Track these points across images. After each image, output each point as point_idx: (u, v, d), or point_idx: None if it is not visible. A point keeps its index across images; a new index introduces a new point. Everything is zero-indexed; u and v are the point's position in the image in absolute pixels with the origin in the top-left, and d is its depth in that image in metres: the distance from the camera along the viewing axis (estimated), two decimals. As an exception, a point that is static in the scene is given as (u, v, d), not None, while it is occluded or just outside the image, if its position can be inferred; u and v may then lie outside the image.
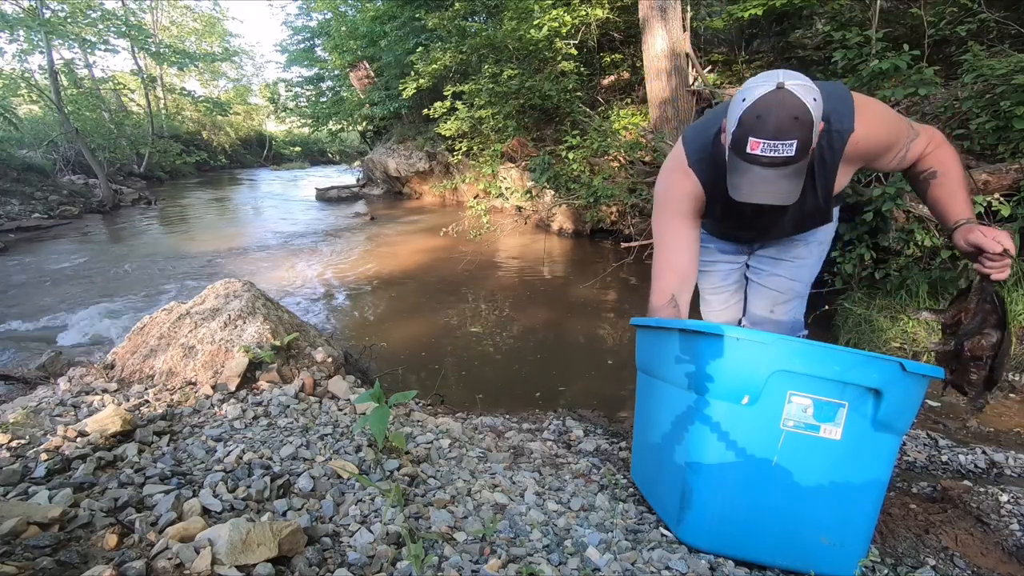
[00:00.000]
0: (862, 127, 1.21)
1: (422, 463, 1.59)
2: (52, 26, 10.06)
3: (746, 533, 1.24)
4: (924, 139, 1.29)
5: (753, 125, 1.05)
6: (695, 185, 1.34)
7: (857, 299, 3.17)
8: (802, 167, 1.09)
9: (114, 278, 5.37)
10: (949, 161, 1.29)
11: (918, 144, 1.29)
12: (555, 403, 2.68)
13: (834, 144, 1.22)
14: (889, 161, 1.31)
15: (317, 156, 24.93)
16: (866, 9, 4.50)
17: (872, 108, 1.24)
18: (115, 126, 13.11)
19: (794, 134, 1.04)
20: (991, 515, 1.47)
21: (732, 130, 1.11)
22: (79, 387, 1.93)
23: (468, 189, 8.73)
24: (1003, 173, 2.98)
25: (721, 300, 1.74)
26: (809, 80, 1.07)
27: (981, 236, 1.16)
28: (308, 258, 6.18)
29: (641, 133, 5.61)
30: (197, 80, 23.88)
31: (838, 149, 1.23)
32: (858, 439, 1.18)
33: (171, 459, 1.43)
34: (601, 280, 4.75)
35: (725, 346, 1.16)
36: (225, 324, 2.16)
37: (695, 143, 1.34)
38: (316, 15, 13.99)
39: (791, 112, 1.03)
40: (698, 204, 1.36)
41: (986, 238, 1.15)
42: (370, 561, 1.10)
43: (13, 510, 1.04)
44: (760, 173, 1.09)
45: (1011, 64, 2.94)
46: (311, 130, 16.28)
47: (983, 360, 1.23)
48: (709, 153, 1.31)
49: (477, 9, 7.80)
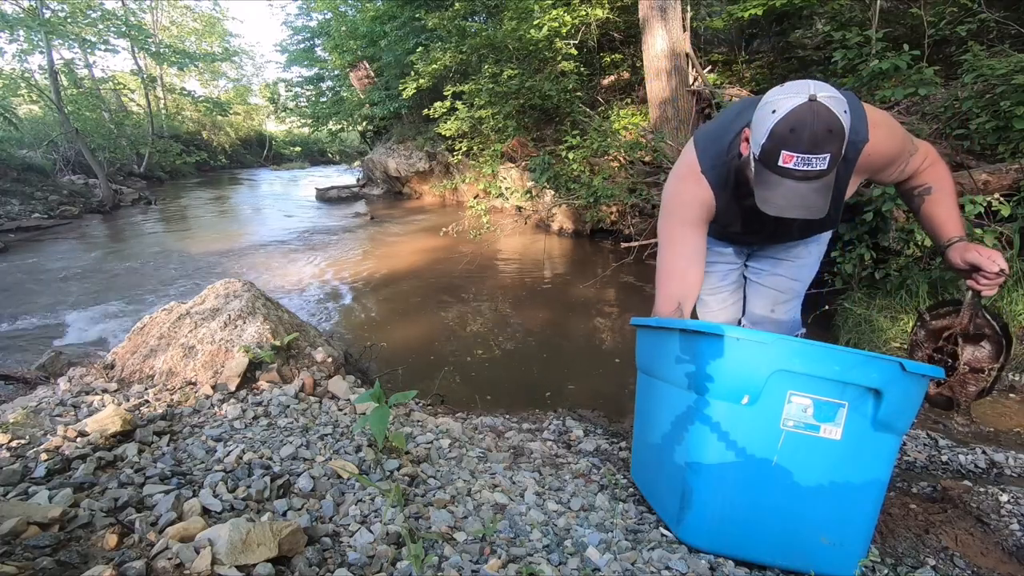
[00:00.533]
0: (874, 138, 1.22)
1: (422, 463, 1.59)
2: (52, 26, 10.06)
3: (746, 533, 1.24)
4: (921, 154, 1.31)
5: (786, 138, 1.03)
6: (707, 192, 1.32)
7: (857, 299, 3.17)
8: (831, 180, 1.08)
9: (114, 278, 5.37)
10: (943, 178, 1.32)
11: (916, 159, 1.31)
12: (555, 403, 2.68)
13: (848, 155, 1.22)
14: (891, 173, 1.33)
15: (317, 156, 24.94)
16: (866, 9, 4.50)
17: (882, 120, 1.25)
18: (115, 126, 13.11)
19: (828, 148, 1.02)
20: (991, 515, 1.47)
21: (762, 142, 1.08)
22: (79, 387, 1.93)
23: (468, 189, 8.73)
24: (1003, 173, 2.98)
25: (719, 300, 1.74)
26: (837, 91, 1.06)
27: (978, 256, 1.21)
28: (308, 258, 6.18)
29: (641, 133, 5.61)
30: (197, 80, 23.89)
31: (852, 159, 1.23)
32: (858, 439, 1.18)
33: (171, 459, 1.43)
34: (601, 280, 4.75)
35: (725, 346, 1.16)
36: (225, 324, 2.16)
37: (709, 150, 1.32)
38: (316, 15, 14.00)
39: (826, 125, 1.01)
40: (708, 212, 1.35)
41: (982, 257, 1.20)
42: (370, 561, 1.10)
43: (13, 510, 1.04)
44: (792, 187, 1.07)
45: (1011, 64, 2.94)
46: (311, 130, 16.30)
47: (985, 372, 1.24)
48: (724, 161, 1.30)
49: (477, 9, 7.81)
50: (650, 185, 5.00)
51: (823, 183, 1.07)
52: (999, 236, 2.75)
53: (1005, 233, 2.77)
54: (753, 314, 1.72)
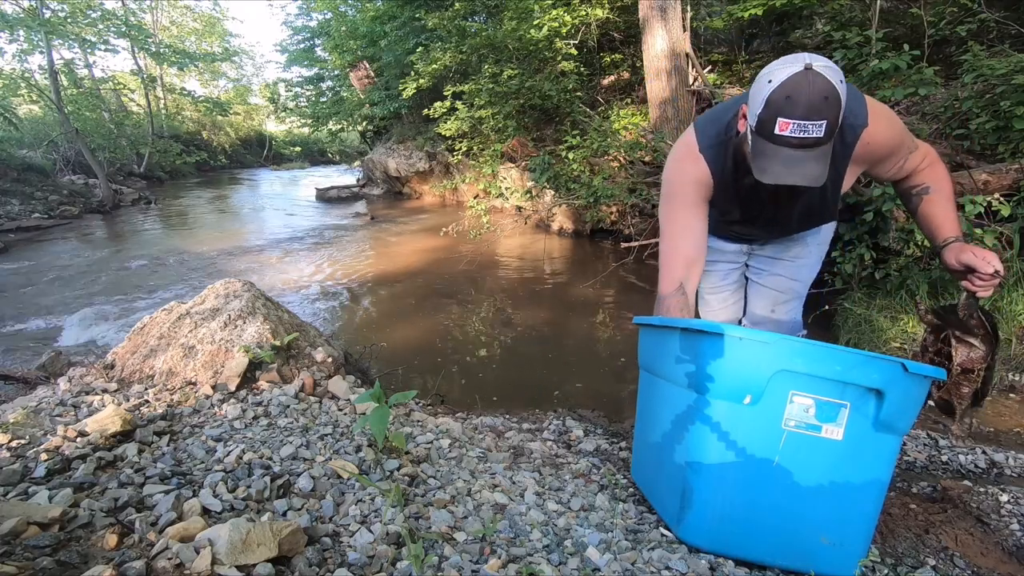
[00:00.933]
0: (874, 124, 1.22)
1: (422, 463, 1.59)
2: (52, 26, 10.06)
3: (746, 532, 1.23)
4: (921, 153, 1.32)
5: (782, 106, 1.04)
6: (704, 172, 1.33)
7: (857, 299, 3.17)
8: (828, 150, 1.08)
9: (114, 278, 5.37)
10: (942, 179, 1.32)
11: (916, 157, 1.32)
12: (555, 403, 2.68)
13: (847, 138, 1.22)
14: (889, 168, 1.33)
15: (317, 156, 24.94)
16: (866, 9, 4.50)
17: (883, 111, 1.26)
18: (115, 126, 13.11)
19: (824, 114, 1.03)
20: (991, 515, 1.47)
21: (758, 112, 1.08)
22: (79, 387, 1.93)
23: (468, 189, 8.73)
24: (1003, 173, 2.98)
25: (720, 300, 1.74)
26: (832, 63, 1.06)
27: (973, 256, 1.21)
28: (308, 258, 6.18)
29: (641, 133, 5.61)
30: (197, 80, 23.90)
31: (850, 143, 1.24)
32: (859, 440, 1.18)
33: (171, 459, 1.43)
34: (601, 280, 4.75)
35: (728, 345, 1.15)
36: (225, 324, 2.16)
37: (708, 130, 1.33)
38: (316, 15, 14.00)
39: (822, 92, 1.02)
40: (707, 191, 1.35)
41: (978, 259, 1.20)
42: (370, 561, 1.10)
43: (13, 510, 1.04)
44: (789, 155, 1.07)
45: (1011, 64, 2.94)
46: (311, 130, 16.29)
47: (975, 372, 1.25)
48: (722, 140, 1.30)
49: (477, 9, 7.81)
50: (650, 185, 5.00)
51: (821, 151, 1.07)
52: (999, 236, 2.75)
53: (1005, 233, 2.77)
54: (754, 314, 1.72)
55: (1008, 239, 2.78)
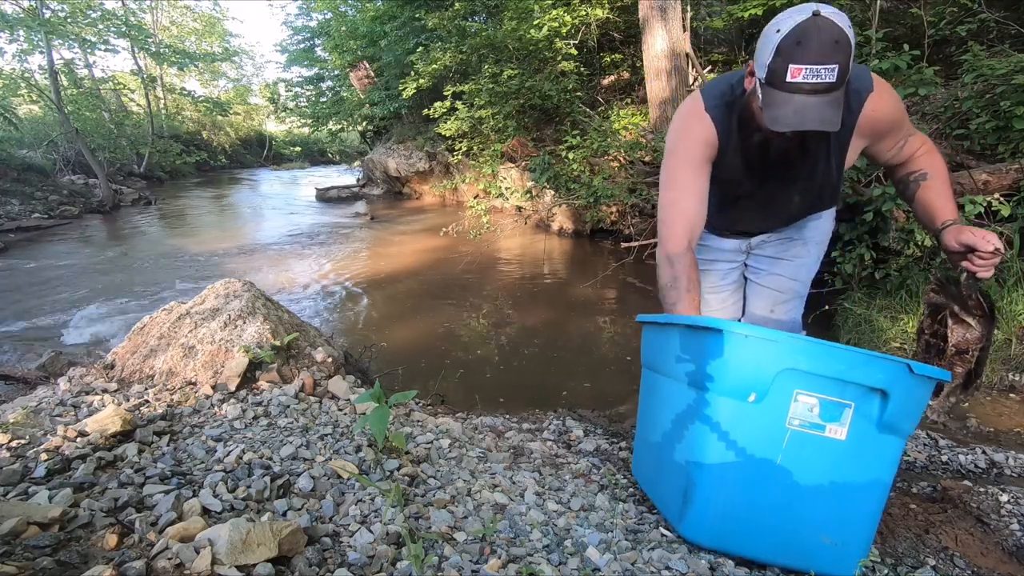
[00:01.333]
0: (878, 92, 1.23)
1: (422, 463, 1.59)
2: (52, 26, 10.07)
3: (748, 531, 1.23)
4: (920, 139, 1.33)
5: (793, 52, 1.03)
6: (710, 131, 1.31)
7: (857, 299, 3.17)
8: (841, 96, 1.07)
9: (114, 278, 5.37)
10: (939, 166, 1.33)
11: (915, 141, 1.33)
12: (555, 403, 2.68)
13: (852, 104, 1.22)
14: (890, 147, 1.33)
15: (317, 156, 24.95)
16: (866, 9, 4.49)
17: (886, 83, 1.26)
18: (115, 126, 13.12)
19: (836, 58, 1.02)
20: (991, 515, 1.47)
21: (767, 62, 1.07)
22: (79, 387, 1.93)
23: (468, 189, 8.73)
24: (1003, 173, 2.98)
25: (719, 299, 1.74)
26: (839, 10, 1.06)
27: (972, 236, 1.21)
28: (308, 258, 6.18)
29: (641, 133, 5.61)
30: (197, 80, 23.91)
31: (855, 110, 1.23)
32: (863, 440, 1.17)
33: (171, 459, 1.43)
34: (601, 280, 4.75)
35: (734, 343, 1.15)
36: (225, 324, 2.16)
37: (713, 91, 1.32)
38: (316, 15, 14.01)
39: (832, 36, 1.02)
40: (711, 151, 1.33)
41: (977, 238, 1.20)
42: (370, 561, 1.10)
43: (13, 510, 1.04)
44: (803, 101, 1.06)
45: (1011, 64, 2.94)
46: (311, 130, 16.31)
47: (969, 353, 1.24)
48: (727, 100, 1.29)
49: (477, 9, 7.81)
50: (650, 185, 5.00)
51: (834, 97, 1.06)
52: (999, 236, 2.75)
53: (1005, 233, 2.77)
54: (753, 314, 1.72)
55: (1008, 239, 2.78)
